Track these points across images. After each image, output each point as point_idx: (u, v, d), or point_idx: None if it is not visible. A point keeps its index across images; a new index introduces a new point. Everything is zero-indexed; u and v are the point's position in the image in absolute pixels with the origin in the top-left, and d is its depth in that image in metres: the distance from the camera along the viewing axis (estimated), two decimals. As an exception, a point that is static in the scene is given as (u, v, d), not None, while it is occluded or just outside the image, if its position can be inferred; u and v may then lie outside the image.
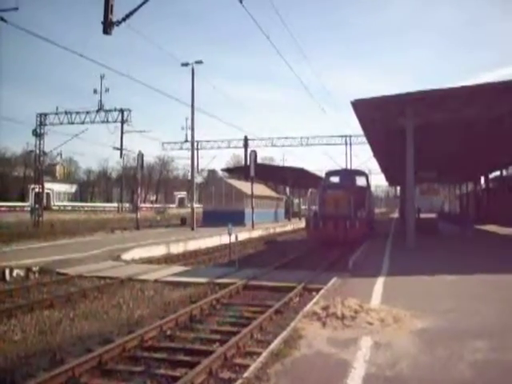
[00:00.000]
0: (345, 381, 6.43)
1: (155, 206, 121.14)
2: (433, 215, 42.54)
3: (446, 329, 9.05)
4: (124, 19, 15.74)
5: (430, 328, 9.10)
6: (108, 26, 15.28)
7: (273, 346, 8.07)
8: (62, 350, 9.62)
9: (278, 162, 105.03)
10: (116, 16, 15.60)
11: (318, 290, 13.89)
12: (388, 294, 12.39)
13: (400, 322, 9.43)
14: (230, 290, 14.96)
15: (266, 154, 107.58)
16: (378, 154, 40.68)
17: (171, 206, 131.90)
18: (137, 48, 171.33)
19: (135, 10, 16.13)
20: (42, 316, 12.37)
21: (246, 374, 6.78)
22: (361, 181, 35.64)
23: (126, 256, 22.96)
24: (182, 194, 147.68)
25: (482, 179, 57.47)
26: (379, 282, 14.15)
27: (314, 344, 8.14)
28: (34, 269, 17.94)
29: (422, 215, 39.79)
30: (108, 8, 15.21)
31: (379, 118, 23.80)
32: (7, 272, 16.97)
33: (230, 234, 21.99)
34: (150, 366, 8.67)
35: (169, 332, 10.80)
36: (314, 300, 11.76)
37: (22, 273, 17.50)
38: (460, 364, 7.10)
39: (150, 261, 22.66)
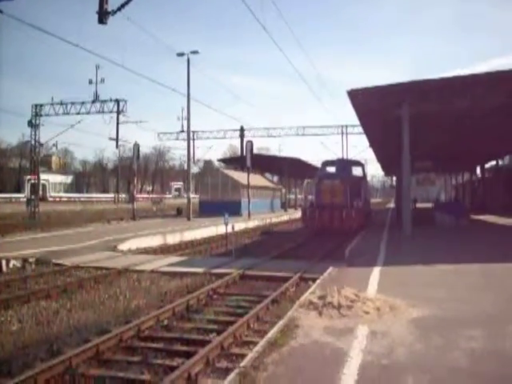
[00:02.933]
0: (341, 369, 6.46)
1: (151, 196, 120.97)
2: (429, 205, 42.61)
3: (442, 317, 9.08)
4: (119, 8, 15.67)
5: (426, 317, 9.13)
6: (103, 16, 15.21)
7: (269, 335, 8.10)
8: (59, 341, 9.66)
9: (274, 152, 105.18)
10: (111, 6, 15.59)
11: (314, 280, 13.92)
12: (384, 283, 12.42)
13: (396, 311, 9.46)
14: (227, 280, 15.00)
15: (262, 145, 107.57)
16: (374, 143, 40.64)
17: (167, 196, 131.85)
18: (132, 38, 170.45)
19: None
20: (38, 306, 12.40)
21: (243, 363, 6.80)
22: (357, 171, 35.70)
23: (123, 246, 22.96)
24: (179, 184, 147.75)
25: (478, 169, 57.51)
26: (375, 272, 14.18)
27: (311, 333, 8.16)
28: (31, 260, 17.95)
29: (418, 205, 39.89)
30: (103, -3, 15.19)
31: (375, 107, 23.77)
32: (4, 263, 16.99)
33: (226, 224, 22.04)
34: (147, 355, 8.70)
35: (166, 322, 10.84)
36: (311, 289, 11.78)
37: (18, 264, 17.51)
38: (455, 352, 7.14)
39: (146, 251, 22.69)
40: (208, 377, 7.72)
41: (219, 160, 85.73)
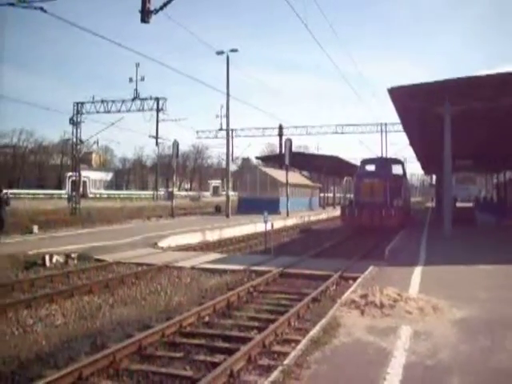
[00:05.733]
0: (385, 369, 6.42)
1: (190, 193, 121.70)
2: (469, 204, 42.05)
3: (486, 318, 8.97)
4: (162, 7, 15.80)
5: (470, 318, 9.03)
6: (146, 15, 15.36)
7: (312, 333, 8.08)
8: (103, 335, 9.81)
9: (313, 150, 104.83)
10: (153, 5, 15.72)
11: (354, 279, 13.85)
12: (426, 283, 12.31)
13: (439, 312, 9.37)
14: (267, 277, 15.01)
15: (301, 143, 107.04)
16: (414, 142, 40.25)
17: (205, 193, 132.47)
18: (171, 35, 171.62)
19: (172, -2, 16.19)
20: (81, 301, 12.59)
21: (286, 361, 6.81)
22: (397, 169, 35.35)
23: (163, 243, 23.12)
24: (217, 182, 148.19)
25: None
26: (417, 271, 14.07)
27: (353, 332, 8.13)
28: (73, 255, 18.19)
29: (459, 204, 39.37)
30: (146, -4, 15.33)
31: (416, 105, 23.50)
32: (47, 258, 17.25)
33: (265, 222, 22.03)
34: (189, 351, 8.75)
35: (207, 318, 10.89)
36: (352, 288, 11.74)
37: (61, 259, 17.76)
38: (501, 354, 7.05)
39: (186, 248, 22.79)
40: (250, 374, 7.72)
41: (257, 158, 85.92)
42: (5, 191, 22.67)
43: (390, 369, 6.44)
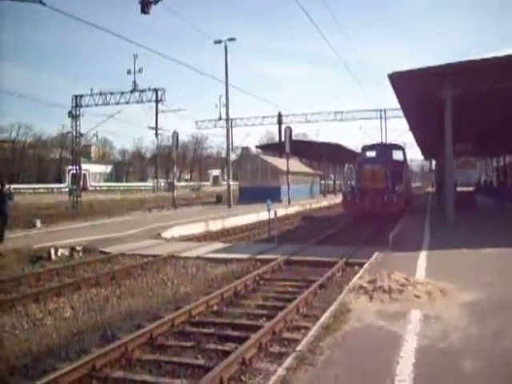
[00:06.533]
0: (398, 352, 6.47)
1: (190, 184, 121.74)
2: (470, 189, 42.07)
3: (494, 301, 9.02)
4: (161, -3, 15.79)
5: (478, 301, 9.08)
6: (146, 5, 15.32)
7: (322, 319, 8.12)
8: (112, 327, 9.86)
9: (312, 137, 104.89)
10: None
11: (360, 265, 13.91)
12: (432, 267, 12.36)
13: (447, 295, 9.42)
14: (272, 265, 15.03)
15: (300, 130, 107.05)
16: (414, 127, 40.18)
17: (205, 183, 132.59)
18: (168, 25, 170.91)
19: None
20: (89, 294, 12.61)
21: (299, 347, 6.84)
22: (397, 155, 35.26)
23: (166, 234, 23.15)
24: (217, 171, 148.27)
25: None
26: (422, 256, 14.12)
27: (364, 317, 8.17)
28: (78, 248, 18.21)
29: (459, 189, 39.32)
30: (146, -13, 15.27)
31: (417, 90, 23.43)
32: (52, 251, 17.26)
33: (268, 211, 22.04)
34: (200, 341, 8.78)
35: (215, 307, 10.93)
36: (359, 274, 11.79)
37: (66, 252, 17.78)
38: (511, 336, 7.08)
39: (189, 238, 22.82)
40: (262, 361, 7.76)
41: (257, 147, 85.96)
42: (7, 186, 22.62)
43: (403, 352, 6.49)
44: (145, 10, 15.31)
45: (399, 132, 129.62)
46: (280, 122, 62.28)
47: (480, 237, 18.16)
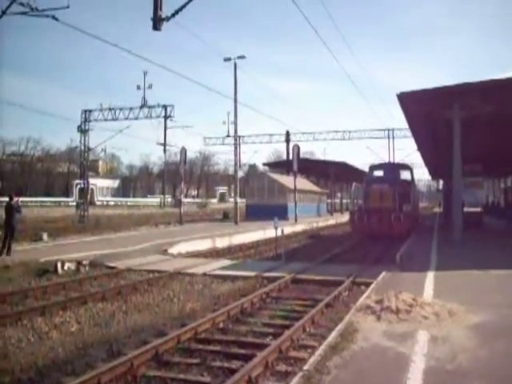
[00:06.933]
0: (406, 374, 6.42)
1: (197, 200, 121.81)
2: (477, 209, 41.89)
3: (502, 323, 8.98)
4: (173, 15, 15.87)
5: (486, 322, 9.03)
6: (158, 22, 15.45)
7: (330, 338, 8.08)
8: (118, 342, 9.80)
9: (319, 155, 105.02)
10: (164, 12, 15.78)
11: (367, 284, 13.89)
12: (439, 288, 12.30)
13: (455, 317, 9.36)
14: (279, 283, 14.98)
15: (307, 149, 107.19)
16: (422, 147, 40.20)
17: (212, 200, 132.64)
18: (178, 42, 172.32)
19: (184, 5, 16.24)
20: (95, 308, 12.60)
21: (306, 367, 6.81)
22: (405, 175, 35.23)
23: (173, 250, 23.16)
24: (224, 188, 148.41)
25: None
26: (430, 276, 14.06)
27: (371, 337, 8.13)
28: (85, 262, 18.23)
29: (466, 209, 39.16)
30: (158, 4, 15.38)
31: (425, 110, 23.47)
32: (59, 265, 17.29)
33: (276, 228, 22.05)
34: (206, 358, 8.73)
35: (221, 325, 10.88)
36: (366, 294, 11.74)
37: (72, 266, 17.80)
38: (521, 359, 7.04)
39: (196, 255, 22.82)
40: (268, 380, 7.71)
41: (265, 164, 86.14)
42: (16, 199, 22.70)
43: (411, 374, 6.45)
44: (156, 26, 15.46)
45: (406, 152, 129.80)
46: (288, 141, 62.49)
47: (488, 258, 18.10)
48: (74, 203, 64.05)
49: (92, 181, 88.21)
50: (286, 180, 51.77)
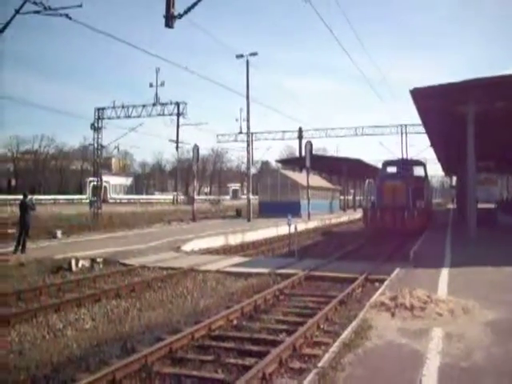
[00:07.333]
0: (421, 371, 6.39)
1: (209, 197, 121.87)
2: (491, 205, 41.66)
3: (517, 320, 8.90)
4: (186, 12, 15.86)
5: (501, 319, 8.95)
6: (170, 19, 15.45)
7: (344, 335, 8.06)
8: (132, 339, 9.85)
9: (331, 152, 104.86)
10: (176, 9, 15.79)
11: (380, 281, 13.86)
12: (454, 284, 12.22)
13: (470, 313, 9.30)
14: (293, 280, 14.98)
15: (319, 145, 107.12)
16: (435, 143, 39.94)
17: (225, 197, 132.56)
18: (192, 39, 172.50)
19: (196, 2, 16.24)
20: (109, 305, 12.66)
21: (320, 364, 6.79)
22: (419, 171, 35.07)
23: (186, 247, 23.20)
24: (236, 185, 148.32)
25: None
26: (444, 273, 13.97)
27: (385, 334, 8.10)
28: (99, 259, 18.33)
29: (479, 205, 38.91)
30: (170, 2, 15.40)
31: (439, 106, 23.28)
32: (73, 262, 17.38)
33: (289, 225, 22.05)
34: (220, 354, 8.74)
35: (235, 322, 10.90)
36: (380, 290, 11.69)
37: (86, 263, 17.90)
38: (536, 356, 6.99)
39: (209, 252, 22.87)
40: (282, 377, 7.71)
41: (277, 161, 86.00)
42: (30, 197, 22.83)
43: (426, 370, 6.41)
44: (169, 24, 15.46)
45: (419, 148, 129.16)
46: (301, 137, 62.33)
47: (503, 254, 17.92)
48: (88, 201, 64.16)
49: (105, 178, 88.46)
50: (299, 177, 51.68)
